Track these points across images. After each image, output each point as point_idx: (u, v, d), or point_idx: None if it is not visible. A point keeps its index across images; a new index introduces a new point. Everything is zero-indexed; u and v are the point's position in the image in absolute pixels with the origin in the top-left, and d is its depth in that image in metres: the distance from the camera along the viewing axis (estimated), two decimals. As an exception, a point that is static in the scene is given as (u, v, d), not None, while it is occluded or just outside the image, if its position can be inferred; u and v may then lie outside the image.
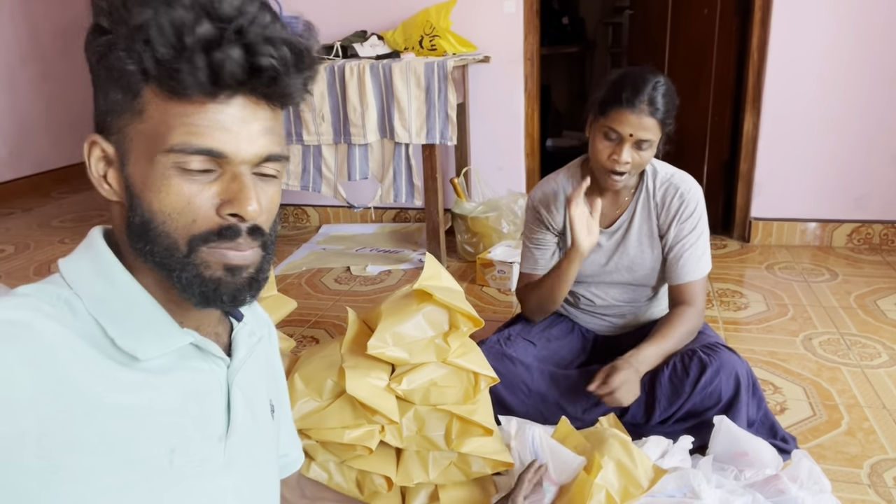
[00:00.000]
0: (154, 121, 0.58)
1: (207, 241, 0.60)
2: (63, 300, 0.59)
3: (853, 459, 1.50)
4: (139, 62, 0.56)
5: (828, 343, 2.05)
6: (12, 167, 4.22)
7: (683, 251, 1.59)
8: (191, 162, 0.58)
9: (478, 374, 1.23)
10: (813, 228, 2.95)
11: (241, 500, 0.69)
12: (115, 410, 0.57)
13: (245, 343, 0.72)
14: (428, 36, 2.82)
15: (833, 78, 2.76)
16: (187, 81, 0.55)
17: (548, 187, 1.71)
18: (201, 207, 0.59)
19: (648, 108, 1.45)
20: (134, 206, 0.60)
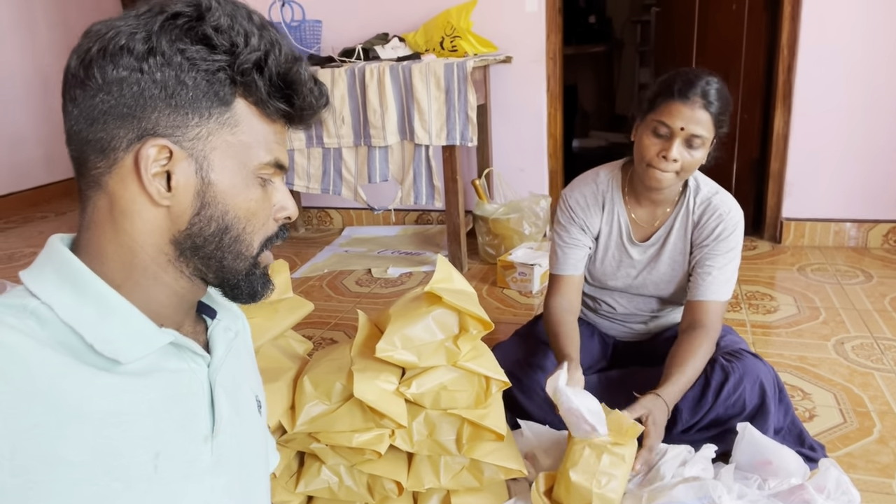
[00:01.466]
0: (249, 135, 0.64)
1: (272, 242, 0.69)
2: (29, 311, 0.57)
3: (885, 469, 1.43)
4: (247, 82, 0.62)
5: (861, 348, 1.98)
6: (47, 171, 4.33)
7: (712, 269, 1.50)
8: (271, 174, 0.67)
9: (489, 378, 1.21)
10: (847, 229, 2.86)
11: (232, 499, 0.68)
12: (93, 418, 0.56)
13: (223, 339, 0.72)
14: (449, 37, 2.81)
15: (866, 73, 2.67)
16: (285, 111, 0.65)
17: (587, 188, 1.61)
18: (267, 213, 0.68)
19: (702, 101, 1.37)
20: (209, 212, 0.63)
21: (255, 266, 0.68)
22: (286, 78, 0.64)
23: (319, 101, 0.68)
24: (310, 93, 0.66)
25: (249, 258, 0.67)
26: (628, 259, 1.60)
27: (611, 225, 1.60)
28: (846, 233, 2.86)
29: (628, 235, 1.59)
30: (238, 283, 0.68)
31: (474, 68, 2.58)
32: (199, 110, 0.61)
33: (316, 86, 0.67)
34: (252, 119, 0.64)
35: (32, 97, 4.22)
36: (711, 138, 1.42)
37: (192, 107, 0.61)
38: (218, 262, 0.65)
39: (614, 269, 1.62)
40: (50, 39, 4.25)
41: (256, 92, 0.63)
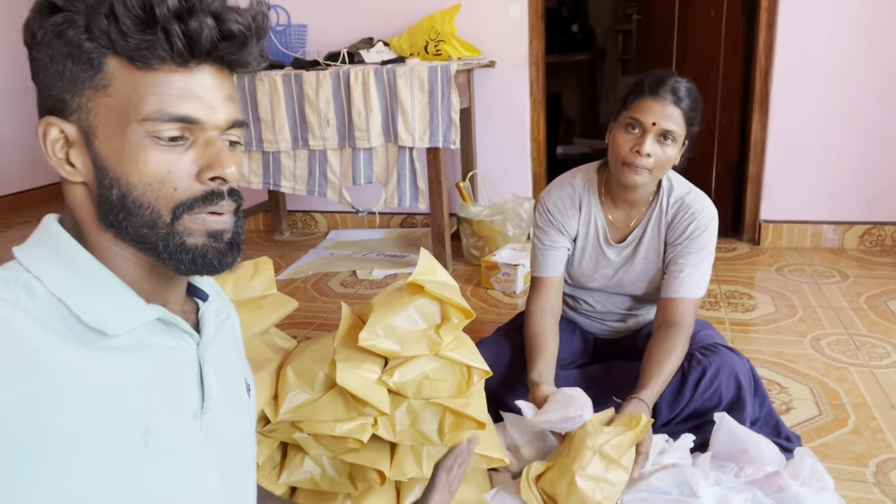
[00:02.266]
0: (123, 93, 0.59)
1: (192, 209, 0.61)
2: (21, 284, 0.58)
3: (859, 458, 1.47)
4: (103, 36, 0.57)
5: (836, 343, 2.02)
6: (28, 177, 4.29)
7: (685, 267, 1.51)
8: (165, 130, 0.59)
9: (471, 367, 1.22)
10: (824, 230, 2.91)
11: (220, 476, 0.68)
12: (84, 392, 0.56)
13: (213, 320, 0.72)
14: (433, 41, 2.84)
15: (841, 79, 2.74)
16: (162, 51, 0.57)
17: (563, 191, 1.63)
18: (181, 175, 0.61)
19: (672, 97, 1.40)
20: (108, 181, 0.60)
21: (174, 234, 0.62)
22: (143, 16, 0.56)
23: (220, 30, 0.58)
24: (187, 27, 0.57)
25: (162, 226, 0.61)
26: (605, 260, 1.62)
27: (587, 227, 1.62)
28: (823, 234, 2.92)
29: (605, 237, 1.61)
30: (166, 253, 0.62)
31: (458, 72, 2.62)
32: (74, 80, 0.59)
33: (211, 15, 0.58)
34: (128, 74, 0.58)
35: (13, 103, 4.19)
36: (683, 136, 1.45)
37: (67, 78, 0.59)
38: (134, 231, 0.61)
39: (592, 269, 1.64)
40: (33, 44, 4.23)
41: (117, 42, 0.57)
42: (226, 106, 0.63)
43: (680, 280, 1.51)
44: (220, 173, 0.61)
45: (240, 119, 0.65)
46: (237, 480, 0.74)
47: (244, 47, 0.61)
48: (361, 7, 3.17)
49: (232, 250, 0.66)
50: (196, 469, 0.66)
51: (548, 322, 1.60)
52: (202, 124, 0.61)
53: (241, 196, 0.67)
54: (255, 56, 0.63)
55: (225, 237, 0.65)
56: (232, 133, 0.65)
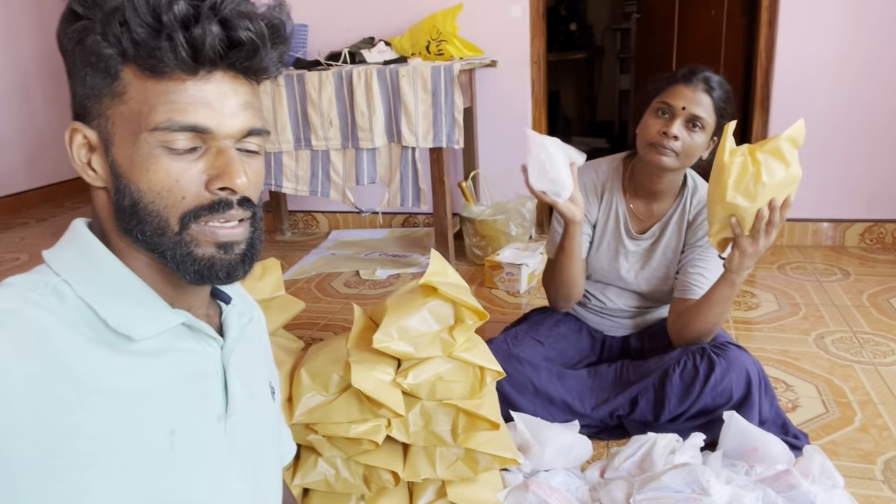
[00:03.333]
0: (136, 101, 0.59)
1: (198, 217, 0.61)
2: (51, 288, 0.59)
3: (867, 455, 1.48)
4: (117, 44, 0.57)
5: (840, 341, 2.03)
6: (28, 177, 4.28)
7: (704, 271, 1.53)
8: (176, 139, 0.59)
9: (484, 368, 1.23)
10: (825, 228, 2.93)
11: (244, 480, 0.69)
12: (111, 394, 0.57)
13: (236, 324, 0.72)
14: (435, 41, 2.84)
15: (842, 77, 2.75)
16: (168, 59, 0.57)
17: (587, 177, 1.63)
18: (190, 184, 0.60)
19: (704, 85, 1.44)
20: (122, 188, 0.61)
21: (182, 244, 0.61)
22: (153, 25, 0.56)
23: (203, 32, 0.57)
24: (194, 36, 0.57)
25: (171, 234, 0.61)
26: (623, 250, 1.63)
27: (608, 215, 1.63)
28: (824, 232, 2.93)
29: (626, 226, 1.62)
30: (175, 262, 0.62)
31: (461, 71, 2.62)
32: (94, 87, 0.60)
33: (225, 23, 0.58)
34: (141, 83, 0.59)
35: (13, 103, 4.17)
36: (713, 125, 1.47)
37: (89, 85, 0.60)
38: (145, 238, 0.62)
39: (609, 259, 1.65)
40: (31, 46, 4.21)
41: (128, 48, 0.57)
42: (240, 114, 0.62)
43: (699, 283, 1.53)
44: (229, 183, 0.61)
45: (257, 127, 0.63)
46: (262, 483, 0.74)
47: (255, 55, 0.60)
48: (362, 6, 3.16)
49: (244, 262, 0.65)
50: (220, 472, 0.66)
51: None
52: (213, 133, 0.60)
53: (256, 205, 0.65)
54: (271, 63, 0.62)
55: (236, 249, 0.64)
56: (249, 142, 0.64)
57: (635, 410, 1.55)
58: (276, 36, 0.62)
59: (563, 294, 1.63)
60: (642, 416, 1.55)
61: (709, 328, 1.51)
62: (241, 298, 0.78)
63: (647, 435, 1.43)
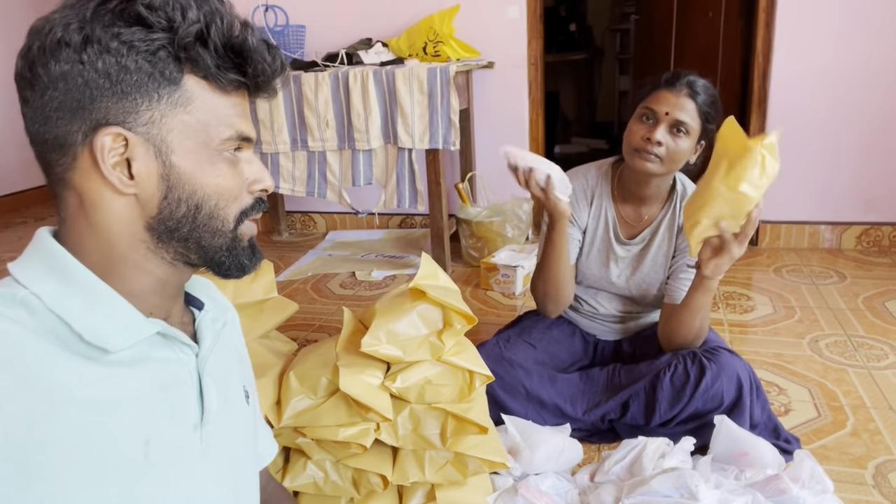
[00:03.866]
0: (203, 112, 0.63)
1: (249, 215, 0.69)
2: (18, 300, 0.57)
3: (858, 460, 1.48)
4: (189, 55, 0.60)
5: (834, 345, 2.03)
6: (25, 177, 4.28)
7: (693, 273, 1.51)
8: (235, 147, 0.66)
9: (473, 372, 1.23)
10: (821, 231, 2.93)
11: (220, 487, 0.69)
12: (84, 406, 0.56)
13: (210, 330, 0.72)
14: (431, 42, 2.84)
15: (839, 79, 2.75)
16: (238, 77, 0.63)
17: (577, 182, 1.63)
18: (242, 187, 0.67)
19: (687, 90, 1.42)
20: (178, 194, 0.63)
21: (236, 240, 0.68)
22: (233, 46, 0.62)
23: (274, 66, 0.66)
24: (262, 59, 0.64)
25: (227, 233, 0.67)
26: (613, 256, 1.63)
27: (597, 220, 1.63)
28: (820, 235, 2.93)
29: (615, 231, 1.62)
30: (222, 259, 0.68)
31: (457, 73, 2.62)
32: (148, 93, 0.60)
33: (269, 50, 0.65)
34: (206, 94, 0.62)
35: (11, 102, 4.16)
36: (698, 130, 1.46)
37: (140, 91, 0.59)
38: (196, 241, 0.65)
39: (599, 265, 1.65)
40: (30, 44, 4.22)
41: (204, 66, 0.61)
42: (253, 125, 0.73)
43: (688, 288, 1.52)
44: (268, 186, 0.70)
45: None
46: (238, 488, 0.74)
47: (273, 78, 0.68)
48: (360, 8, 3.16)
49: (255, 253, 0.72)
50: (196, 481, 0.66)
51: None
52: (252, 142, 0.69)
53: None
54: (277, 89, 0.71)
55: (254, 241, 0.72)
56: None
57: (626, 414, 1.55)
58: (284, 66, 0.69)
59: (551, 296, 1.63)
60: (633, 420, 1.55)
61: (694, 335, 1.51)
62: (213, 303, 0.78)
63: (637, 439, 1.43)
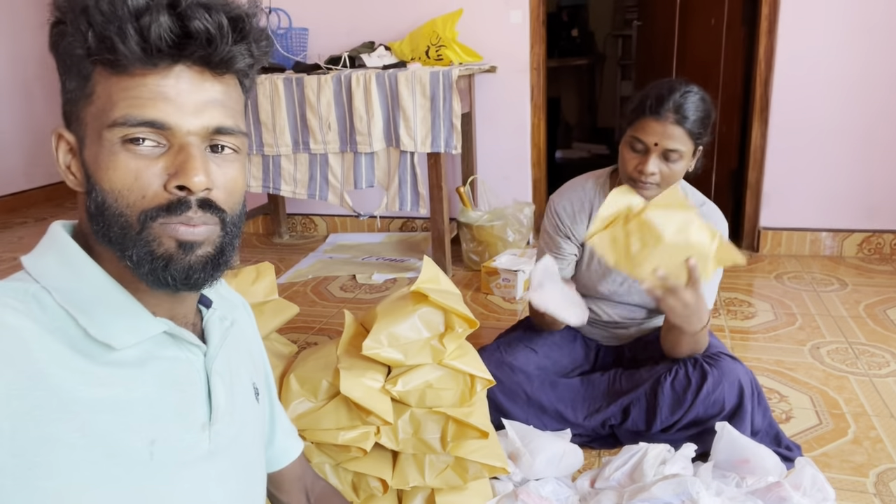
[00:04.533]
0: (101, 99, 0.58)
1: (157, 217, 0.58)
2: (31, 295, 0.58)
3: (859, 468, 1.47)
4: (83, 42, 0.56)
5: (836, 352, 2.02)
6: (27, 177, 4.28)
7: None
8: (135, 135, 0.57)
9: (474, 376, 1.23)
10: (823, 238, 2.92)
11: (223, 487, 0.68)
12: (91, 404, 0.56)
13: (217, 328, 0.72)
14: (434, 46, 2.84)
15: (841, 87, 2.75)
16: (120, 49, 0.55)
17: (574, 195, 1.64)
18: (150, 183, 0.58)
19: (674, 117, 1.38)
20: (90, 189, 0.60)
21: (145, 245, 0.59)
22: (109, 13, 0.55)
23: (150, 21, 0.55)
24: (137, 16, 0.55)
25: (132, 235, 0.59)
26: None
27: None
28: (822, 242, 2.93)
29: None
30: (133, 262, 0.59)
31: (459, 77, 2.62)
32: (72, 91, 0.60)
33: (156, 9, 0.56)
34: (106, 80, 0.58)
35: (14, 102, 4.18)
36: (691, 150, 1.45)
37: (68, 90, 0.61)
38: (108, 239, 0.60)
39: (600, 275, 1.65)
40: (32, 46, 4.22)
41: (93, 44, 0.56)
42: (205, 111, 0.59)
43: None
44: (185, 181, 0.58)
45: (227, 126, 0.61)
46: (246, 488, 0.74)
47: (210, 46, 0.58)
48: (363, 11, 3.17)
49: (205, 267, 0.61)
50: (203, 481, 0.66)
51: None
52: (172, 129, 0.58)
53: (223, 210, 0.62)
54: (236, 56, 0.60)
55: (198, 250, 0.60)
56: (220, 140, 0.61)
57: (627, 420, 1.55)
58: (239, 28, 0.59)
59: (549, 327, 1.69)
60: (634, 426, 1.55)
61: (691, 350, 1.51)
62: (222, 301, 0.77)
63: (638, 445, 1.42)
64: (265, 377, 0.86)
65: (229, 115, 0.61)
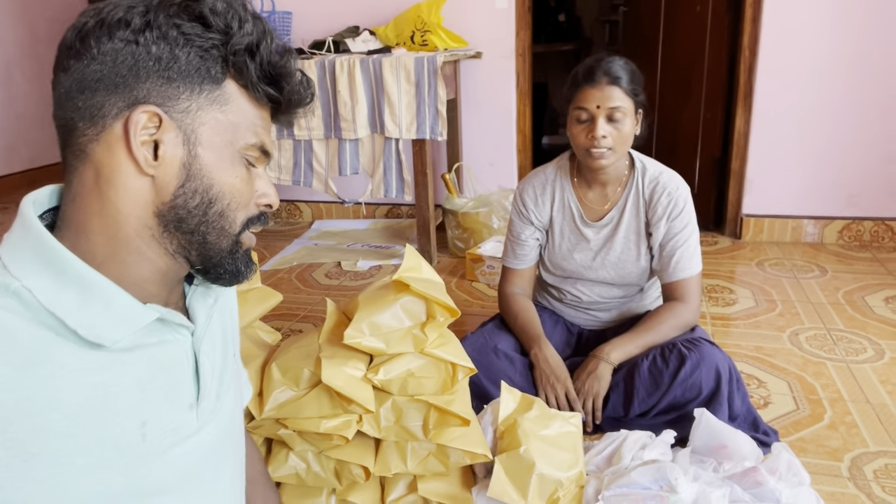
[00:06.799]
0: (237, 115, 0.66)
1: (251, 225, 0.70)
2: (11, 292, 0.57)
3: (834, 453, 1.50)
4: (237, 63, 0.65)
5: (814, 338, 2.05)
6: (7, 162, 4.22)
7: (676, 248, 1.59)
8: (255, 157, 0.69)
9: (455, 364, 1.23)
10: (804, 225, 2.95)
11: (211, 456, 0.71)
12: (81, 391, 0.57)
13: (203, 306, 0.73)
14: (419, 31, 2.82)
15: (824, 75, 2.76)
16: (275, 95, 0.68)
17: (537, 181, 1.71)
18: (251, 196, 0.70)
19: (607, 79, 1.48)
20: (195, 186, 0.64)
21: (238, 244, 0.69)
22: (276, 66, 0.67)
23: (306, 94, 0.71)
24: (298, 84, 0.69)
25: (232, 235, 0.68)
26: (584, 242, 1.67)
27: (562, 211, 1.69)
28: (803, 229, 2.96)
29: (580, 217, 1.67)
30: (221, 261, 0.68)
31: (444, 63, 2.60)
32: (191, 85, 0.63)
33: (304, 79, 0.70)
34: (241, 101, 0.66)
35: (-9, 86, 4.12)
36: (632, 108, 1.52)
37: (184, 81, 0.62)
38: (201, 237, 0.66)
39: (570, 250, 1.69)
40: (12, 30, 4.15)
41: (247, 75, 0.65)
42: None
43: (675, 262, 1.59)
44: (273, 203, 0.72)
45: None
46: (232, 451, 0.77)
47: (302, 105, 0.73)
48: (347, -5, 3.13)
49: (250, 262, 0.73)
50: (193, 457, 0.67)
51: (526, 301, 1.73)
52: (268, 159, 0.72)
53: None
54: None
55: (250, 252, 0.74)
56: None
57: (607, 406, 1.57)
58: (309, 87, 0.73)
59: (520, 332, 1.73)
60: (615, 412, 1.57)
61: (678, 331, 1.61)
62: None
63: (619, 432, 1.44)
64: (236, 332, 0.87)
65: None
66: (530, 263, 1.74)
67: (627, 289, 1.71)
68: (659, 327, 1.58)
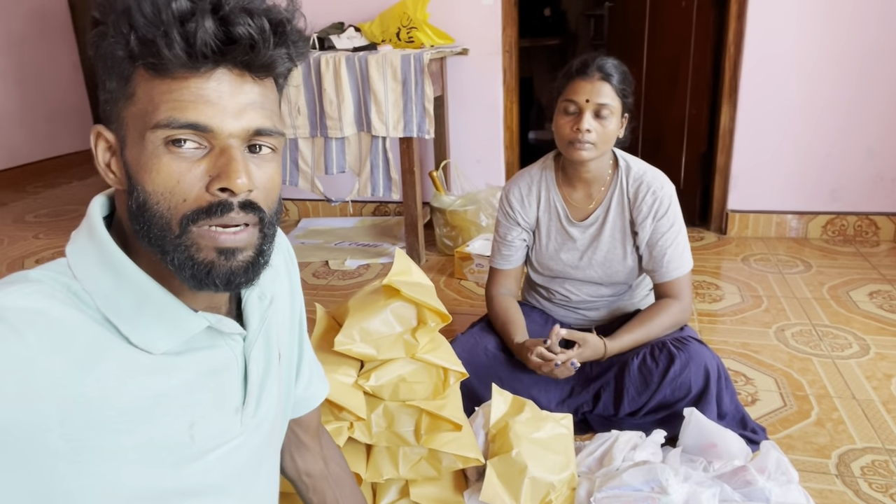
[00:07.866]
0: (143, 101, 0.59)
1: (197, 220, 0.59)
2: (72, 293, 0.59)
3: (822, 450, 1.52)
4: (126, 45, 0.57)
5: (800, 334, 2.07)
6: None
7: (666, 248, 1.59)
8: (178, 137, 0.58)
9: (447, 369, 1.23)
10: (788, 220, 2.98)
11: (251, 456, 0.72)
12: (134, 391, 0.59)
13: (256, 310, 0.71)
14: (405, 28, 2.80)
15: (809, 71, 2.78)
16: (164, 54, 0.56)
17: (522, 182, 1.71)
18: (192, 185, 0.59)
19: (599, 74, 1.49)
20: (132, 189, 0.60)
21: (185, 249, 0.59)
22: (153, 17, 0.56)
23: (196, 26, 0.56)
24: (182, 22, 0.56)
25: (172, 238, 0.59)
26: (570, 241, 1.67)
27: (548, 212, 1.69)
28: (787, 224, 2.98)
29: (566, 217, 1.67)
30: (174, 266, 0.60)
31: (431, 60, 2.59)
32: (113, 91, 0.61)
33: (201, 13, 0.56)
34: (148, 83, 0.58)
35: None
36: (619, 108, 1.52)
37: (108, 90, 0.61)
38: (149, 241, 0.60)
39: (557, 250, 1.69)
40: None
41: (136, 47, 0.57)
42: (245, 113, 0.60)
43: (665, 262, 1.60)
44: (228, 184, 0.58)
45: (266, 127, 0.61)
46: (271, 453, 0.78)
47: (253, 50, 0.58)
48: (332, -9, 3.10)
49: (247, 271, 0.62)
50: (234, 457, 0.69)
51: (512, 302, 1.72)
52: (215, 132, 0.59)
53: (263, 210, 0.63)
54: (276, 60, 0.60)
55: (239, 256, 0.61)
56: (260, 140, 0.62)
57: (598, 405, 1.58)
58: (280, 32, 0.60)
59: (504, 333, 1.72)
60: (605, 411, 1.58)
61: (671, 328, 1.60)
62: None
63: (610, 432, 1.45)
64: (300, 322, 0.86)
65: (268, 117, 0.62)
66: (517, 264, 1.74)
67: (616, 287, 1.72)
68: (653, 325, 1.57)
